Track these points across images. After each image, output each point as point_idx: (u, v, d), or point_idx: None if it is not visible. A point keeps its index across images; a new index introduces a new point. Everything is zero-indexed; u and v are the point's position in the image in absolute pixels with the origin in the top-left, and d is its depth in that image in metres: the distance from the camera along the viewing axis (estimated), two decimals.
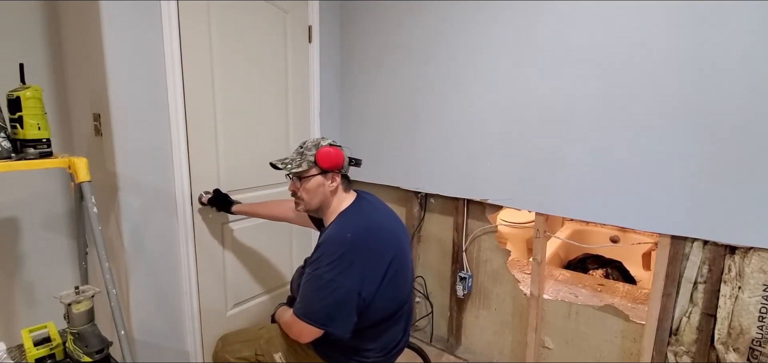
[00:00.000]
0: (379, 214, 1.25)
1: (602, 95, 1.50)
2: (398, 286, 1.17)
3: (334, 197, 1.22)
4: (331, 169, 1.19)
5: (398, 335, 1.24)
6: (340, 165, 1.20)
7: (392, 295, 1.15)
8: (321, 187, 1.20)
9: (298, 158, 1.21)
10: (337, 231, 1.14)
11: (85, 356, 1.17)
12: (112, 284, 1.18)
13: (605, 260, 2.65)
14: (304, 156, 1.20)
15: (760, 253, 1.29)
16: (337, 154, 1.19)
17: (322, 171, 1.19)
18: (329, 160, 1.17)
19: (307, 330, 1.08)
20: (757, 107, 1.24)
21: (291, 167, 1.21)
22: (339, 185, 1.22)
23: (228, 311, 1.90)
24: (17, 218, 1.55)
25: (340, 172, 1.22)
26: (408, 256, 1.25)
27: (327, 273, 1.06)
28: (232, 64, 1.74)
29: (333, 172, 1.20)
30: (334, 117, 2.31)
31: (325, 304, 1.06)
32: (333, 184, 1.20)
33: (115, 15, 1.35)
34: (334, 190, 1.21)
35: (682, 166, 1.37)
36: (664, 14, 1.36)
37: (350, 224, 1.15)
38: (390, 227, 1.21)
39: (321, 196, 1.21)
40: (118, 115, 1.40)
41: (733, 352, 1.36)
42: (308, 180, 1.20)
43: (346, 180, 1.25)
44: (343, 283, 1.05)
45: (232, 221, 1.85)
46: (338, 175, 1.21)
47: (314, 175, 1.19)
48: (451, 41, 1.85)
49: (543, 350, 1.84)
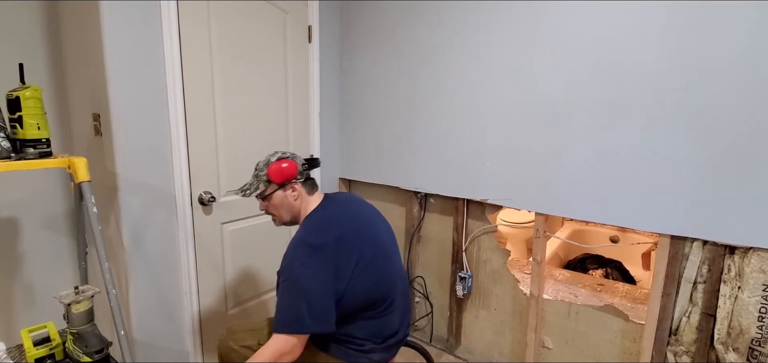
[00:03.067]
0: (347, 209, 1.26)
1: (602, 95, 1.50)
2: (374, 275, 1.17)
3: (300, 204, 1.25)
4: (286, 181, 1.22)
5: (392, 326, 1.24)
6: (291, 175, 1.22)
7: (367, 284, 1.15)
8: (284, 200, 1.24)
9: (254, 181, 1.25)
10: (302, 234, 1.16)
11: (85, 356, 1.17)
12: (111, 284, 1.19)
13: (605, 260, 2.65)
14: (258, 177, 1.24)
15: (759, 253, 1.29)
16: (287, 165, 1.22)
17: (279, 185, 1.22)
18: (280, 174, 1.21)
19: (294, 342, 1.07)
20: (757, 107, 1.24)
21: (249, 192, 1.25)
22: (301, 192, 1.25)
23: (228, 311, 1.90)
24: (17, 218, 1.55)
25: (297, 180, 1.24)
26: (387, 248, 1.26)
27: (300, 276, 1.08)
28: (232, 64, 1.74)
29: (290, 182, 1.23)
30: (333, 117, 2.31)
31: (306, 307, 1.06)
32: (294, 193, 1.24)
33: (115, 15, 1.35)
34: (296, 198, 1.24)
35: (682, 166, 1.37)
36: (663, 14, 1.36)
37: (313, 224, 1.19)
38: (362, 220, 1.24)
39: (288, 208, 1.25)
40: (118, 115, 1.40)
41: (732, 352, 1.37)
42: (270, 198, 1.25)
43: (309, 183, 1.28)
44: (316, 279, 1.07)
45: (232, 221, 1.85)
46: (297, 183, 1.24)
47: (273, 192, 1.24)
48: (451, 41, 1.85)
49: (543, 350, 1.84)
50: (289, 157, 1.24)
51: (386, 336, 1.23)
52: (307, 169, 1.28)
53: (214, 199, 1.73)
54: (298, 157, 1.28)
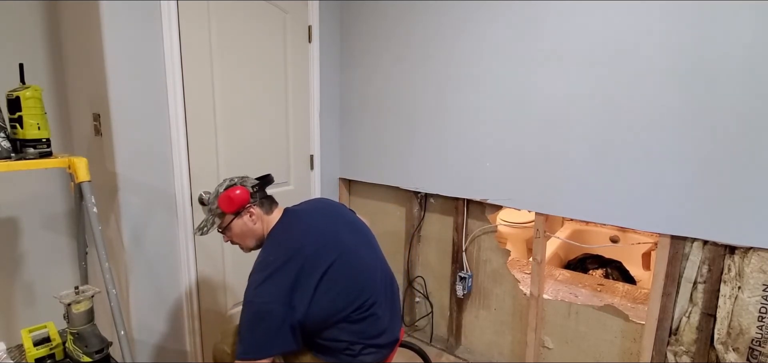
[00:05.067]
0: (306, 221, 1.24)
1: (602, 95, 1.50)
2: (344, 281, 1.15)
3: (260, 226, 1.23)
4: (240, 208, 1.20)
5: (380, 325, 1.21)
6: (245, 201, 1.20)
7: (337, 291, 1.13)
8: (244, 226, 1.21)
9: (210, 216, 1.24)
10: (260, 256, 1.15)
11: (85, 356, 1.17)
12: (112, 284, 1.19)
13: (605, 260, 2.65)
14: (212, 211, 1.22)
15: (759, 253, 1.29)
16: (239, 192, 1.19)
17: (234, 213, 1.20)
18: (231, 203, 1.18)
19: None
20: (757, 107, 1.24)
21: (206, 229, 1.23)
22: (258, 214, 1.23)
23: (228, 311, 1.90)
24: (17, 218, 1.55)
25: (252, 203, 1.22)
26: (362, 249, 1.24)
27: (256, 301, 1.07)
28: (231, 64, 1.74)
29: (245, 208, 1.20)
30: (334, 117, 2.31)
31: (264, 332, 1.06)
32: (251, 218, 1.21)
33: (115, 15, 1.35)
34: (255, 221, 1.22)
35: (682, 166, 1.37)
36: (663, 14, 1.36)
37: (270, 244, 1.18)
38: (322, 229, 1.21)
39: (250, 234, 1.23)
40: (118, 115, 1.40)
41: (732, 352, 1.37)
42: (229, 228, 1.22)
43: (266, 203, 1.25)
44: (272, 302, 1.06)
45: None
46: (253, 206, 1.22)
47: (231, 222, 1.21)
48: (451, 41, 1.85)
49: (543, 350, 1.84)
50: (238, 184, 1.22)
51: (374, 335, 1.20)
52: (259, 190, 1.24)
53: None
54: (249, 179, 1.25)
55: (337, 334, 1.15)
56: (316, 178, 2.23)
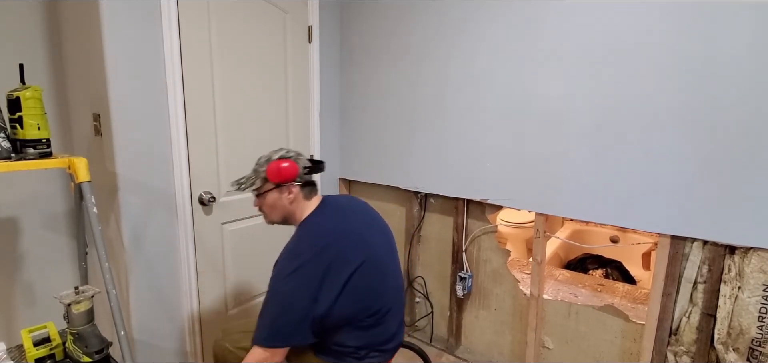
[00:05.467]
0: (343, 218, 1.21)
1: (602, 95, 1.50)
2: (367, 289, 1.14)
3: (294, 207, 1.20)
4: (284, 182, 1.17)
5: (388, 332, 1.22)
6: (290, 177, 1.17)
7: (359, 297, 1.11)
8: (278, 201, 1.20)
9: (253, 176, 1.22)
10: (293, 244, 1.13)
11: (85, 356, 1.17)
12: (112, 284, 1.18)
13: (605, 260, 2.65)
14: (257, 173, 1.21)
15: (759, 253, 1.29)
16: (288, 166, 1.17)
17: (276, 185, 1.18)
18: (279, 175, 1.16)
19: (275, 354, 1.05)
20: (757, 106, 1.24)
21: (245, 186, 1.22)
22: (297, 195, 1.20)
23: (228, 311, 1.90)
24: (17, 218, 1.55)
25: (296, 182, 1.19)
26: (386, 256, 1.22)
27: (283, 290, 1.05)
28: (232, 64, 1.74)
29: (287, 184, 1.18)
30: (334, 117, 2.31)
31: (284, 322, 1.04)
32: (290, 196, 1.19)
33: (115, 15, 1.35)
34: (292, 201, 1.19)
35: (682, 166, 1.37)
36: (663, 14, 1.36)
37: (306, 234, 1.15)
38: (358, 230, 1.19)
39: (281, 210, 1.21)
40: (118, 115, 1.40)
41: (732, 352, 1.36)
42: (265, 196, 1.21)
43: (307, 187, 1.23)
44: (298, 295, 1.04)
45: (232, 221, 1.85)
46: (295, 186, 1.19)
47: (269, 191, 1.19)
48: (451, 41, 1.85)
49: (543, 350, 1.84)
50: (292, 157, 1.20)
51: (381, 342, 1.20)
52: (308, 173, 1.23)
53: (214, 200, 1.73)
54: (302, 158, 1.23)
55: (345, 338, 1.14)
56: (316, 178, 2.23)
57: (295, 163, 1.19)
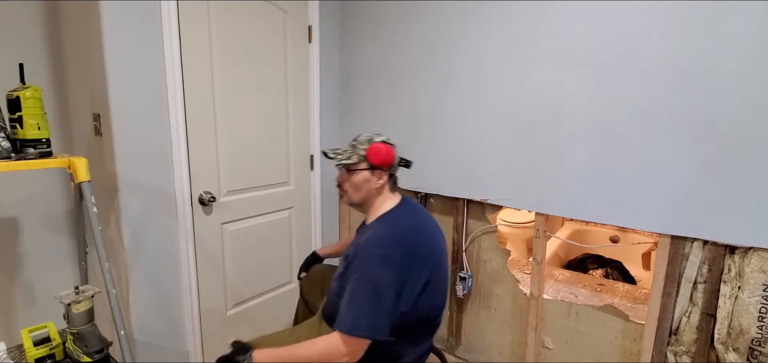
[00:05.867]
0: (423, 219, 1.23)
1: (602, 95, 1.50)
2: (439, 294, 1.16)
3: (378, 195, 1.21)
4: (380, 166, 1.18)
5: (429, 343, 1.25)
6: (389, 163, 1.19)
7: (431, 302, 1.13)
8: (367, 182, 1.19)
9: (349, 150, 1.22)
10: (387, 232, 1.12)
11: (85, 356, 1.17)
12: (112, 284, 1.19)
13: (605, 260, 2.65)
14: (355, 149, 1.20)
15: (759, 253, 1.29)
16: (388, 151, 1.18)
17: (371, 167, 1.18)
18: (379, 157, 1.17)
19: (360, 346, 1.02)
20: (757, 106, 1.24)
21: (341, 158, 1.21)
22: (385, 184, 1.21)
23: (228, 311, 1.90)
24: (17, 218, 1.55)
25: (389, 171, 1.21)
26: (446, 263, 1.24)
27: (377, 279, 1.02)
28: (232, 64, 1.74)
29: (381, 169, 1.19)
30: (334, 117, 2.31)
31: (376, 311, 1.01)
32: (379, 182, 1.19)
33: (114, 15, 1.35)
34: (379, 188, 1.20)
35: (682, 165, 1.37)
36: (663, 14, 1.36)
37: (400, 227, 1.14)
38: (432, 236, 1.19)
39: (365, 192, 1.20)
40: (118, 115, 1.40)
41: (732, 352, 1.36)
42: (355, 173, 1.20)
43: (392, 180, 1.24)
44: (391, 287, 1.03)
45: (232, 221, 1.85)
46: (386, 174, 1.20)
47: (362, 170, 1.19)
48: (451, 41, 1.85)
49: (543, 350, 1.84)
50: (392, 146, 1.21)
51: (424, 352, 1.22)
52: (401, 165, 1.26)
53: (214, 199, 1.73)
54: (396, 148, 1.24)
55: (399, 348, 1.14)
56: (316, 178, 2.24)
57: (393, 150, 1.20)
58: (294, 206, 2.15)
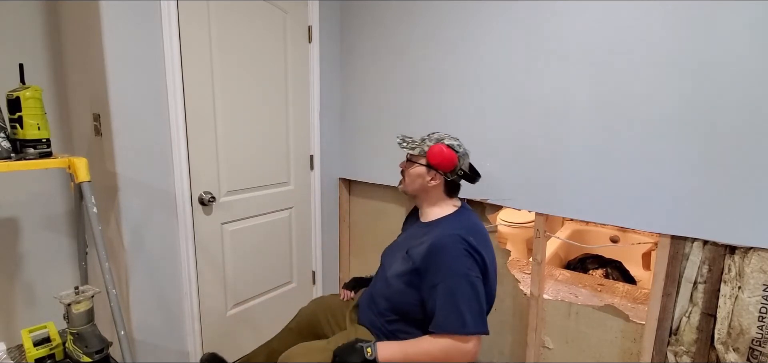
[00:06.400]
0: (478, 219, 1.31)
1: (602, 95, 1.50)
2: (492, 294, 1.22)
3: (431, 193, 1.28)
4: (435, 167, 1.24)
5: None
6: (445, 167, 1.24)
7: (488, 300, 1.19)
8: (420, 177, 1.27)
9: (417, 143, 1.30)
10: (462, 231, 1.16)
11: (85, 356, 1.17)
12: (112, 284, 1.19)
13: (605, 260, 2.65)
14: (423, 143, 1.29)
15: (759, 253, 1.29)
16: (448, 156, 1.23)
17: (427, 165, 1.25)
18: (436, 158, 1.24)
19: (479, 342, 1.09)
20: (757, 106, 1.24)
21: (407, 146, 1.32)
22: (439, 185, 1.27)
23: (228, 311, 1.90)
24: (17, 218, 1.55)
25: (445, 175, 1.26)
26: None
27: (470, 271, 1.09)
28: (232, 64, 1.74)
29: (436, 170, 1.25)
30: (334, 117, 2.31)
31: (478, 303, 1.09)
32: (432, 182, 1.26)
33: (115, 15, 1.35)
34: (432, 187, 1.27)
35: (682, 165, 1.37)
36: (663, 14, 1.36)
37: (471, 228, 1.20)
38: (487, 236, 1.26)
39: (418, 186, 1.29)
40: (118, 115, 1.40)
41: (733, 352, 1.36)
42: (414, 165, 1.29)
43: (453, 187, 1.30)
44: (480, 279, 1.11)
45: (232, 221, 1.85)
46: (440, 176, 1.26)
47: (420, 164, 1.27)
48: (451, 41, 1.85)
49: (543, 350, 1.84)
50: (459, 153, 1.26)
51: None
52: (459, 178, 1.29)
53: (214, 199, 1.73)
54: (466, 160, 1.30)
55: None
56: (316, 178, 2.24)
57: (456, 158, 1.25)
58: (294, 206, 2.15)
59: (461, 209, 1.30)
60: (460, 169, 1.27)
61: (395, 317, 1.23)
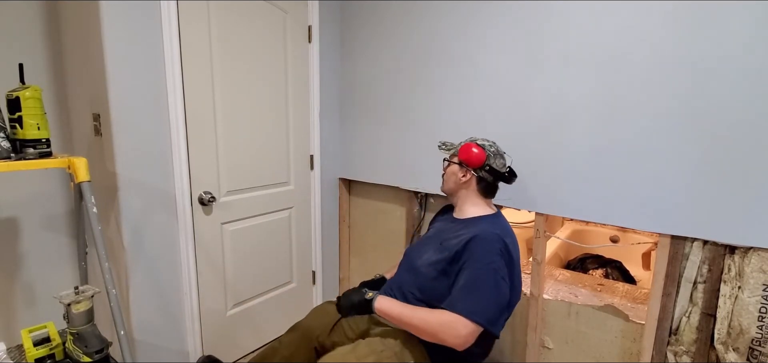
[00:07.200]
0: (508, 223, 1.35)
1: (602, 95, 1.50)
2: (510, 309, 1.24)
3: (464, 191, 1.34)
4: (464, 163, 1.32)
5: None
6: (473, 163, 1.30)
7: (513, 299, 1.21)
8: (454, 175, 1.36)
9: (455, 145, 1.40)
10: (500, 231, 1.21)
11: (85, 356, 1.17)
12: (112, 284, 1.19)
13: (605, 260, 2.65)
14: (459, 145, 1.38)
15: (759, 252, 1.29)
16: (476, 153, 1.30)
17: (459, 162, 1.34)
18: (464, 153, 1.32)
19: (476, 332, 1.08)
20: (757, 106, 1.24)
21: (445, 149, 1.43)
22: (471, 182, 1.33)
23: (228, 311, 1.90)
24: (17, 218, 1.55)
25: (474, 171, 1.31)
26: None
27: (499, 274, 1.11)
28: (231, 64, 1.74)
29: (466, 167, 1.32)
30: (333, 117, 2.31)
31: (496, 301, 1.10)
32: (463, 178, 1.33)
33: (115, 15, 1.35)
34: (463, 183, 1.33)
35: (682, 165, 1.37)
36: (663, 14, 1.36)
37: (507, 231, 1.26)
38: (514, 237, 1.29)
39: (452, 183, 1.37)
40: (118, 115, 1.40)
41: (732, 352, 1.36)
42: (449, 164, 1.39)
43: (487, 187, 1.34)
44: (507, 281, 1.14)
45: (232, 221, 1.85)
46: (470, 173, 1.32)
47: (453, 163, 1.37)
48: (451, 41, 1.85)
49: (543, 350, 1.84)
50: (490, 152, 1.32)
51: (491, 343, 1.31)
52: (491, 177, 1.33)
53: (214, 199, 1.73)
54: (499, 160, 1.34)
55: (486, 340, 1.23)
56: (316, 178, 2.24)
57: (485, 156, 1.31)
58: (294, 206, 2.15)
59: (498, 213, 1.36)
60: (488, 165, 1.31)
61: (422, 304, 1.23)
